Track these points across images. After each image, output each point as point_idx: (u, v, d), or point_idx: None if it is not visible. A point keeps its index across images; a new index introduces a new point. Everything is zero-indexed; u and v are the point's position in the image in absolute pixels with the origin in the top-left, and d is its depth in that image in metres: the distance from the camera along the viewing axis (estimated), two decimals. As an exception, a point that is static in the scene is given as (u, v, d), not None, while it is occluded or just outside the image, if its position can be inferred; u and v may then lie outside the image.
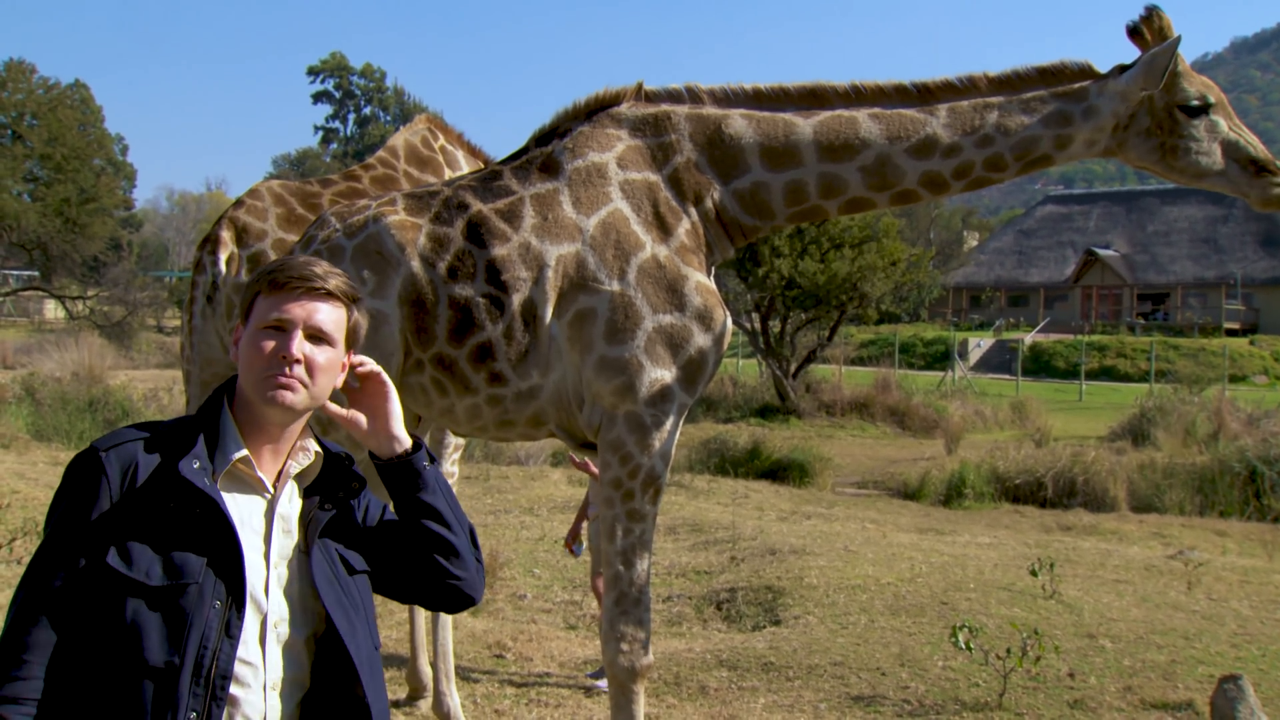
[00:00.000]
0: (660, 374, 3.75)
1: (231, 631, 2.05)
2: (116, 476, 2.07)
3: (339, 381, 2.27)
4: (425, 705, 5.86)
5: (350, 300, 2.25)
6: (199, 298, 5.50)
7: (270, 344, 2.15)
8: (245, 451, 2.16)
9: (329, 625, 2.17)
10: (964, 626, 6.14)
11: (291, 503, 2.24)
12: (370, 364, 2.30)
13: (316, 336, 2.18)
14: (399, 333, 3.83)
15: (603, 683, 6.14)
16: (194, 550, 2.05)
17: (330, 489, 2.29)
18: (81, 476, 2.09)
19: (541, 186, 3.91)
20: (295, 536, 2.21)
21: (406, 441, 2.30)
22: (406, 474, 2.27)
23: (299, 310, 2.16)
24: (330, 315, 2.20)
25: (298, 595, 2.18)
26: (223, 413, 2.20)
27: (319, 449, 2.29)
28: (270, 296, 2.18)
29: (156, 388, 19.45)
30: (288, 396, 2.14)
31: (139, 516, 2.05)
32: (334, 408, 2.30)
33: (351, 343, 2.27)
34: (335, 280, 2.22)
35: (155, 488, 2.07)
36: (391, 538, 2.33)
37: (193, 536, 2.06)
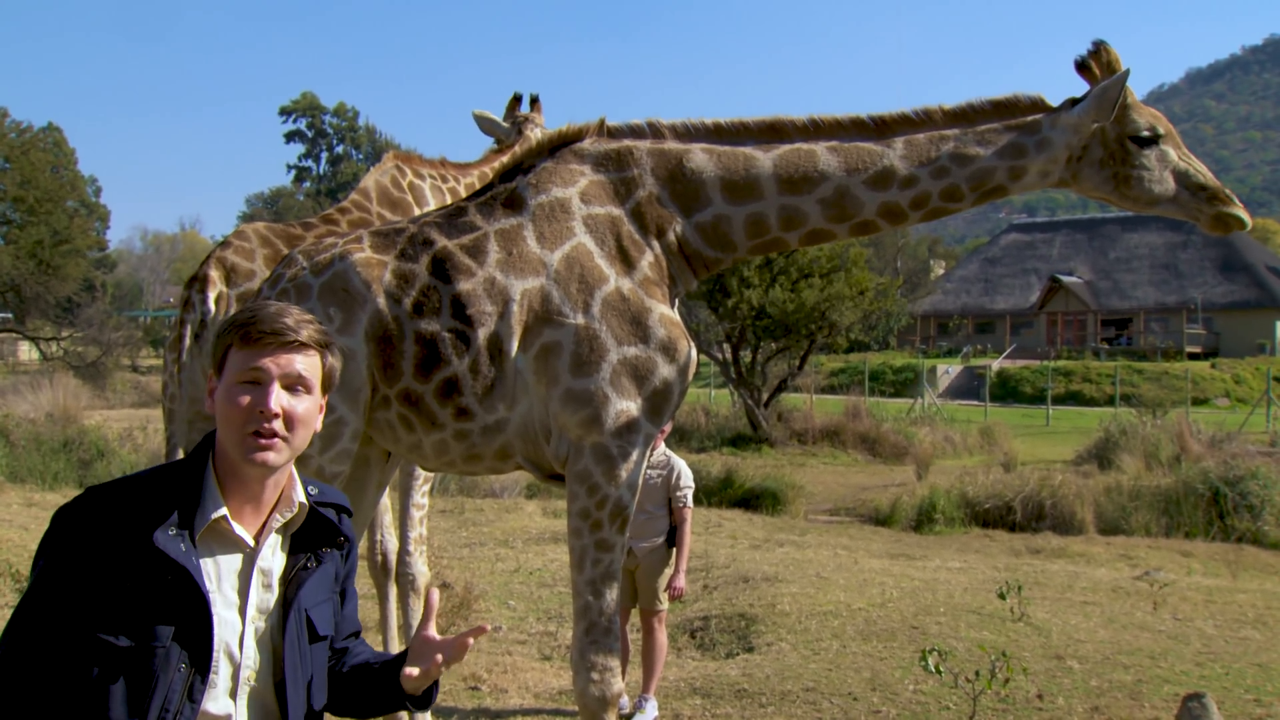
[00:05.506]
0: (626, 405, 3.78)
1: (194, 695, 2.08)
2: (92, 541, 2.08)
3: (318, 425, 2.27)
4: (398, 740, 5.83)
5: (323, 347, 2.25)
6: (187, 336, 5.51)
7: (247, 399, 2.14)
8: (224, 510, 2.16)
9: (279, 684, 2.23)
10: (934, 650, 6.18)
11: (275, 556, 2.25)
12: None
13: (294, 387, 2.18)
14: (366, 369, 3.85)
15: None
16: (165, 615, 2.07)
17: (314, 543, 2.31)
18: (58, 538, 2.11)
19: (506, 222, 3.96)
20: (276, 591, 2.23)
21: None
22: (416, 702, 2.36)
23: (273, 364, 2.16)
24: (305, 365, 2.20)
25: (271, 648, 2.21)
26: (206, 469, 2.19)
27: (304, 500, 2.29)
28: (243, 350, 2.17)
29: (131, 427, 19.22)
30: (269, 457, 2.15)
31: (113, 580, 2.06)
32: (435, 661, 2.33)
33: (327, 387, 2.27)
34: (307, 330, 2.21)
35: (130, 553, 2.07)
36: (351, 680, 2.40)
37: (164, 602, 2.07)
